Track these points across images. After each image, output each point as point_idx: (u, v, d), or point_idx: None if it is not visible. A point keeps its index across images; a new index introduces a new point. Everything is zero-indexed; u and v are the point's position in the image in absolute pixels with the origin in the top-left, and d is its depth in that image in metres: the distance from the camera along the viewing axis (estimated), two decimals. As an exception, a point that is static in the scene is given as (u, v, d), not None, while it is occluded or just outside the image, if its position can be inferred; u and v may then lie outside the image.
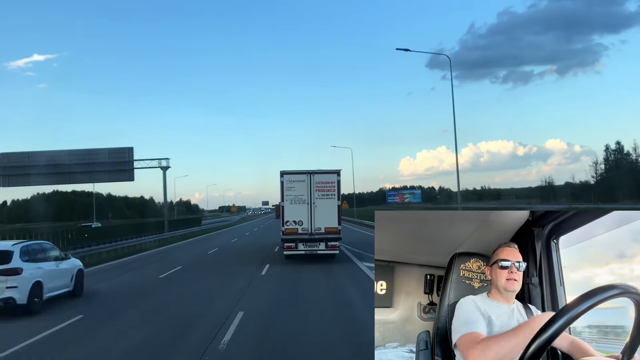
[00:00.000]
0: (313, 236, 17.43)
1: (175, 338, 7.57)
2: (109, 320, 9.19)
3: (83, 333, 8.28)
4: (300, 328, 8.11)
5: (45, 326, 8.46)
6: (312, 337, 7.52)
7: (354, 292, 11.57)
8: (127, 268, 18.89)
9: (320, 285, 13.07)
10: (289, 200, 17.52)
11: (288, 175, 17.54)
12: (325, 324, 8.45)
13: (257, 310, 9.58)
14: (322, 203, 17.43)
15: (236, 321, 8.45)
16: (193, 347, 7.04)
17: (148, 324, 8.79)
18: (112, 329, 8.54)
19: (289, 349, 6.87)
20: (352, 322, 8.43)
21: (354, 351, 6.57)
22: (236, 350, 6.81)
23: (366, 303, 9.49)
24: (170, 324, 8.66)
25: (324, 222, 17.41)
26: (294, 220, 17.46)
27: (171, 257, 22.53)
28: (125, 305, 10.73)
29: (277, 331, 7.96)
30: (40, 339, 7.75)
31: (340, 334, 7.63)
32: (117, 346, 7.35)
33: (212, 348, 6.88)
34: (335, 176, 17.57)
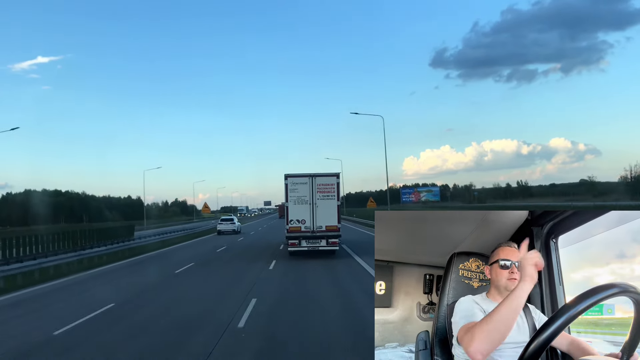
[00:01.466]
0: (315, 234, 18.90)
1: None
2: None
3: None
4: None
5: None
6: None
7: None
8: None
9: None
10: (292, 201, 18.95)
11: (291, 178, 19.03)
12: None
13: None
14: (323, 203, 18.89)
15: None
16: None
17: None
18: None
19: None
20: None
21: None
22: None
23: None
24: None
25: (325, 221, 18.86)
26: (297, 219, 18.94)
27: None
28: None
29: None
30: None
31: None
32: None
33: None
34: (335, 179, 19.11)
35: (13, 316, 10.32)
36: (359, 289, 12.04)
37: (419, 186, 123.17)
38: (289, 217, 19.08)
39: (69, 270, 17.49)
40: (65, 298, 12.50)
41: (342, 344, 7.20)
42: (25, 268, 15.78)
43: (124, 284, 14.73)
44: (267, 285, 13.18)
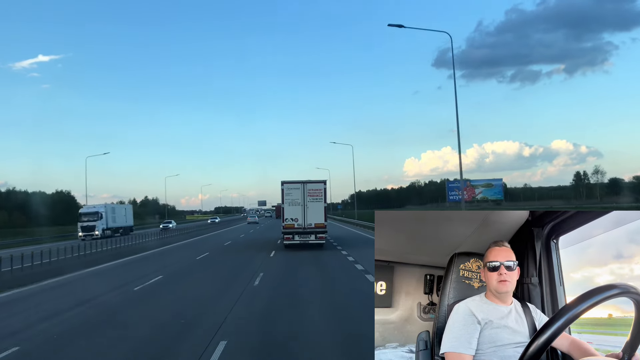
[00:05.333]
0: (306, 230, 23.03)
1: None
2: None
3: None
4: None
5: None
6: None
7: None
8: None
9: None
10: (287, 203, 22.99)
11: (287, 184, 23.10)
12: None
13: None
14: (312, 205, 22.97)
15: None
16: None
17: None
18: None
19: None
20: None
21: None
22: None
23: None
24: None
25: (314, 219, 22.97)
26: (291, 217, 23.00)
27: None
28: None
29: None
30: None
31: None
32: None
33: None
34: (322, 185, 23.30)
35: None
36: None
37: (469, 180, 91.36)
38: (284, 216, 23.04)
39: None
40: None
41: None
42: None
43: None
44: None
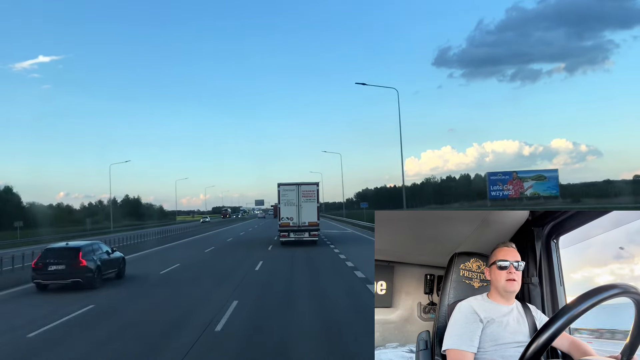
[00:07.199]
0: (300, 228, 25.06)
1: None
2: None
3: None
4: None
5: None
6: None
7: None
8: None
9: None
10: (283, 203, 25.00)
11: (283, 186, 25.20)
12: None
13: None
14: (306, 205, 24.98)
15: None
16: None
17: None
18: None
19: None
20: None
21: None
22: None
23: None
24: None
25: (308, 218, 24.97)
26: (287, 216, 25.02)
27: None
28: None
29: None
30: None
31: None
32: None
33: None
34: (315, 186, 25.57)
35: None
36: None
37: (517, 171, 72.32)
38: (280, 215, 25.11)
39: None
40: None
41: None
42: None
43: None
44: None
